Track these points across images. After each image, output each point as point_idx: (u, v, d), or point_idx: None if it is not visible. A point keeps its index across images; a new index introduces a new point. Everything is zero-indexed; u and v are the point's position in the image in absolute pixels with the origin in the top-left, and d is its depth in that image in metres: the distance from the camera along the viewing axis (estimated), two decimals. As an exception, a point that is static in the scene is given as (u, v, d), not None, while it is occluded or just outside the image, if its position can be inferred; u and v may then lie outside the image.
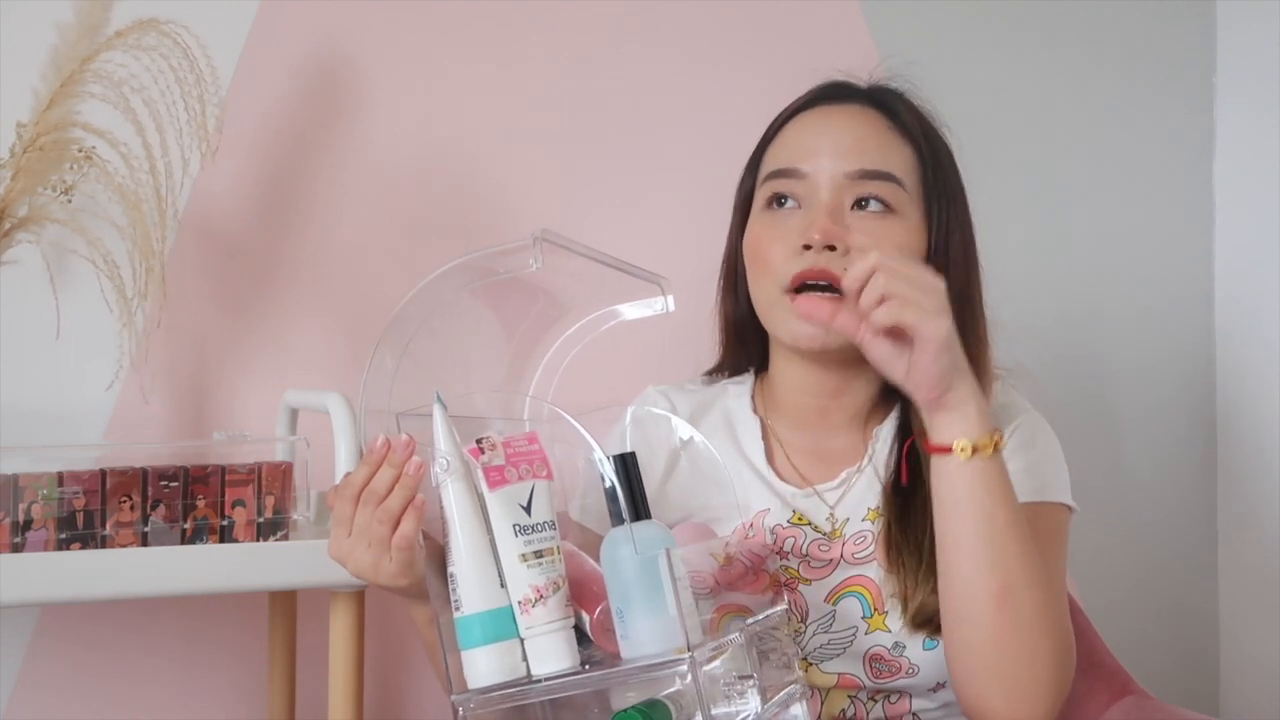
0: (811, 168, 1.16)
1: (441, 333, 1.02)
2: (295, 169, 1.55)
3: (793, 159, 1.18)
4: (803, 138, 1.19)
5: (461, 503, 0.92)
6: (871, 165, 1.15)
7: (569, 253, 1.00)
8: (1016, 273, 1.89)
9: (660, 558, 0.90)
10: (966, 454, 1.00)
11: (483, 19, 1.64)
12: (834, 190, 1.15)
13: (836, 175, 1.15)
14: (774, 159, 1.20)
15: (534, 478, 0.94)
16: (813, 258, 1.12)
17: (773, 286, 1.15)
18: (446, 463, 0.92)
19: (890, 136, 1.18)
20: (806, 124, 1.20)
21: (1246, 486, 1.99)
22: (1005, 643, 1.01)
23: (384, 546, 0.95)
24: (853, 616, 1.14)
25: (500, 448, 0.93)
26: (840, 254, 1.12)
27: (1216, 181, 2.04)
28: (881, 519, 1.16)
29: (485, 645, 0.91)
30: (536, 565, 0.92)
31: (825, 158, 1.16)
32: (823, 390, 1.21)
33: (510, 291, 1.07)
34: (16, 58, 1.35)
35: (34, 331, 1.39)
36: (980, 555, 1.01)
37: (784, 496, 1.19)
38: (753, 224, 1.20)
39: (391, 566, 0.95)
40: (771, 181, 1.18)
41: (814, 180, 1.15)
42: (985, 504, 1.01)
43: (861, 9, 1.80)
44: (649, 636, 0.90)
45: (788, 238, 1.14)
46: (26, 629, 1.45)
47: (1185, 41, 2.02)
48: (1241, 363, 2.00)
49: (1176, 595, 2.01)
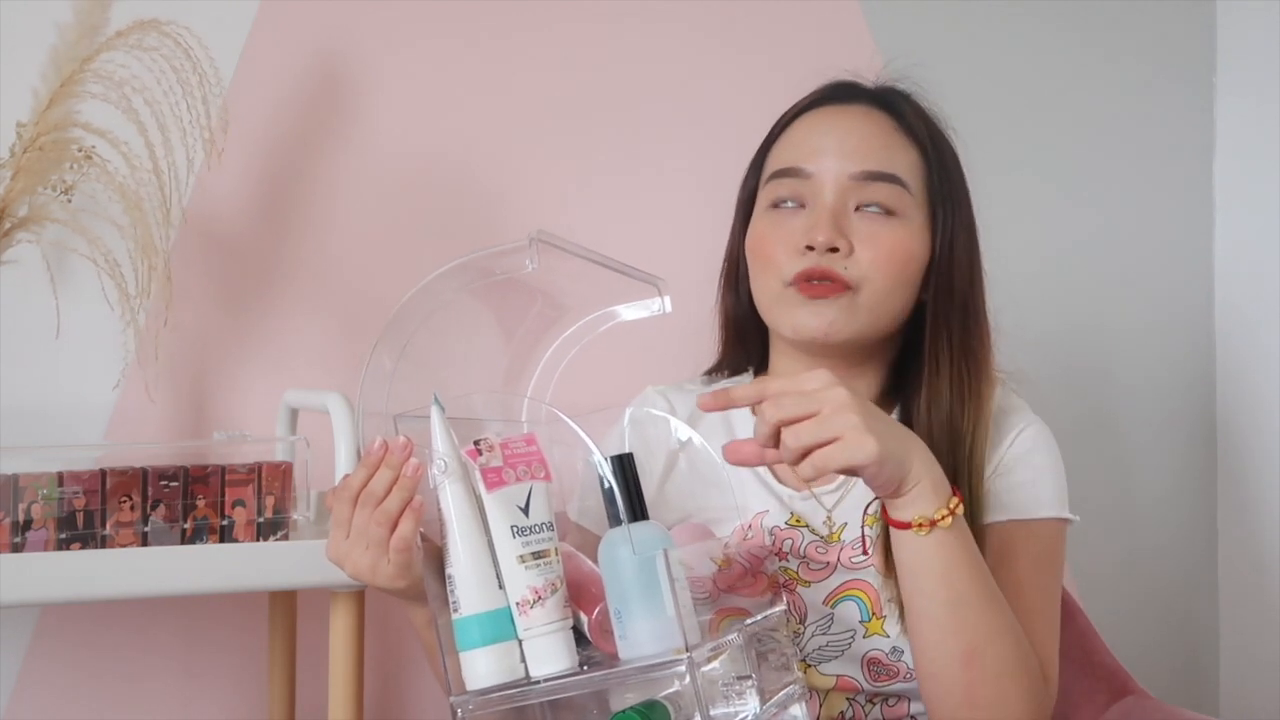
0: (816, 168, 1.16)
1: (440, 333, 1.02)
2: (296, 169, 1.55)
3: (797, 158, 1.17)
4: (808, 137, 1.19)
5: (459, 504, 0.92)
6: (876, 166, 1.15)
7: (566, 254, 1.00)
8: (1015, 274, 1.88)
9: (658, 558, 0.90)
10: (925, 530, 1.00)
11: (483, 18, 1.64)
12: (838, 191, 1.14)
13: (841, 176, 1.15)
14: (778, 158, 1.20)
15: (532, 479, 0.94)
16: (815, 258, 1.12)
17: (775, 281, 1.15)
18: (444, 464, 0.92)
19: (896, 138, 1.17)
20: (812, 123, 1.20)
21: (1246, 488, 1.99)
22: (975, 697, 1.03)
23: (382, 548, 0.95)
24: (851, 620, 1.14)
25: (498, 449, 0.93)
26: (843, 255, 1.12)
27: (1216, 181, 2.03)
28: (880, 523, 1.15)
29: (484, 647, 0.91)
30: (535, 566, 0.92)
31: (830, 158, 1.15)
32: None
33: (509, 292, 1.07)
34: (16, 58, 1.35)
35: (34, 331, 1.39)
36: (944, 621, 1.02)
37: (782, 498, 1.19)
38: (756, 223, 1.20)
39: (389, 568, 0.96)
40: (776, 181, 1.18)
41: (818, 180, 1.15)
42: (946, 572, 1.01)
43: (861, 9, 1.80)
44: (647, 637, 0.90)
45: (791, 237, 1.14)
46: (26, 629, 1.45)
47: (1185, 41, 2.02)
48: (1242, 364, 2.00)
49: (1176, 595, 2.01)
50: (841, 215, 1.14)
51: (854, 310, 1.13)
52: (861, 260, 1.13)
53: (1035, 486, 1.16)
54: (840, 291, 1.12)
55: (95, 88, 1.27)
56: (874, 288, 1.13)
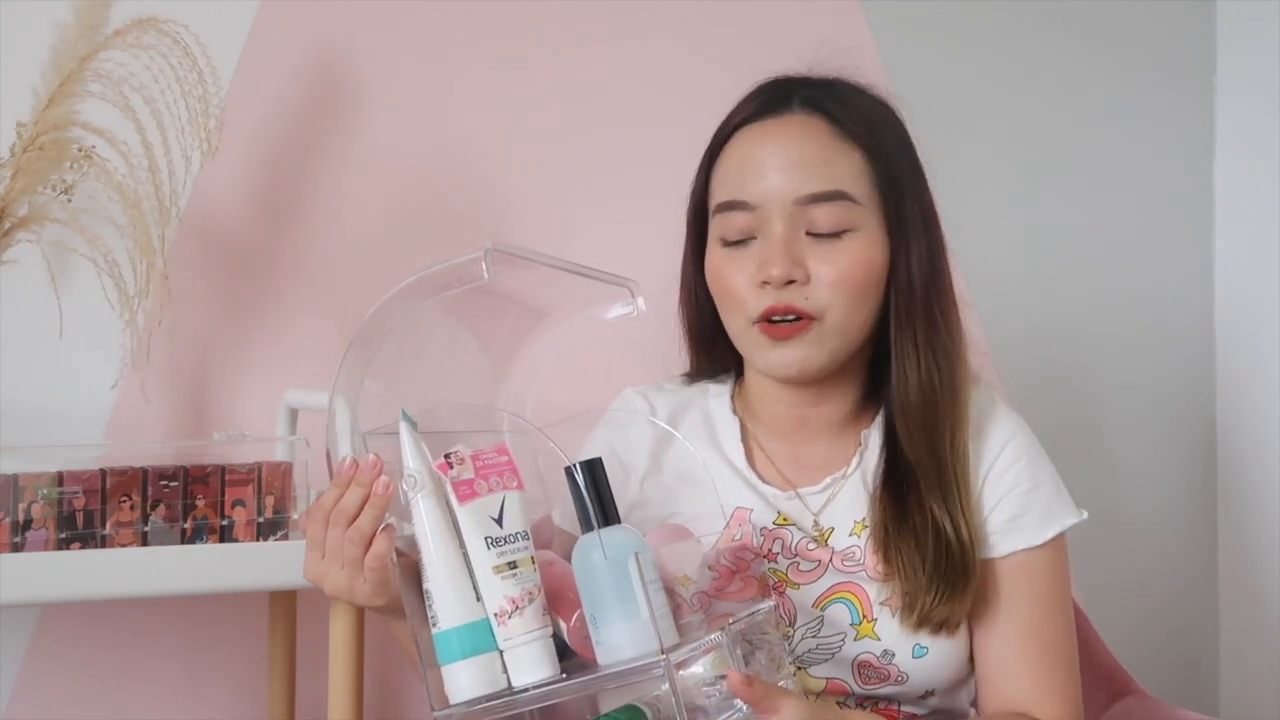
0: (759, 198, 1.12)
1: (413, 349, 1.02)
2: (296, 168, 1.55)
3: (740, 189, 1.14)
4: (745, 164, 1.15)
5: (433, 518, 0.91)
6: (819, 187, 1.11)
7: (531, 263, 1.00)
8: (1014, 275, 1.89)
9: (630, 562, 0.90)
10: None
11: (482, 19, 1.64)
12: (785, 219, 1.11)
13: (785, 203, 1.11)
14: (721, 184, 1.17)
15: (504, 489, 0.93)
16: (774, 294, 1.11)
17: (741, 319, 1.14)
18: (415, 480, 0.92)
19: (835, 146, 1.13)
20: (748, 145, 1.16)
21: (1247, 489, 1.99)
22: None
23: (357, 566, 0.95)
24: (841, 622, 1.13)
25: (469, 461, 0.93)
26: (801, 284, 1.10)
27: (1216, 181, 2.03)
28: (873, 527, 1.14)
29: (464, 659, 0.90)
30: (511, 576, 0.91)
31: (771, 183, 1.12)
32: (800, 401, 1.19)
33: (482, 302, 1.06)
34: (16, 57, 1.35)
35: (34, 331, 1.39)
36: None
37: (766, 498, 1.18)
38: (711, 256, 1.17)
39: (366, 587, 0.96)
40: (722, 215, 1.15)
41: (765, 211, 1.12)
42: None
43: (861, 9, 1.80)
44: (623, 641, 0.90)
45: (747, 270, 1.12)
46: (26, 629, 1.45)
47: (1185, 41, 2.02)
48: (1241, 366, 2.00)
49: (1176, 596, 2.01)
50: (793, 243, 1.11)
51: (822, 339, 1.12)
52: (820, 286, 1.11)
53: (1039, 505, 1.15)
54: (805, 327, 1.11)
55: (95, 87, 1.27)
56: (837, 311, 1.11)
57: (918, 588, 1.09)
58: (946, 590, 1.09)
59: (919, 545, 1.10)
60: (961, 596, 1.10)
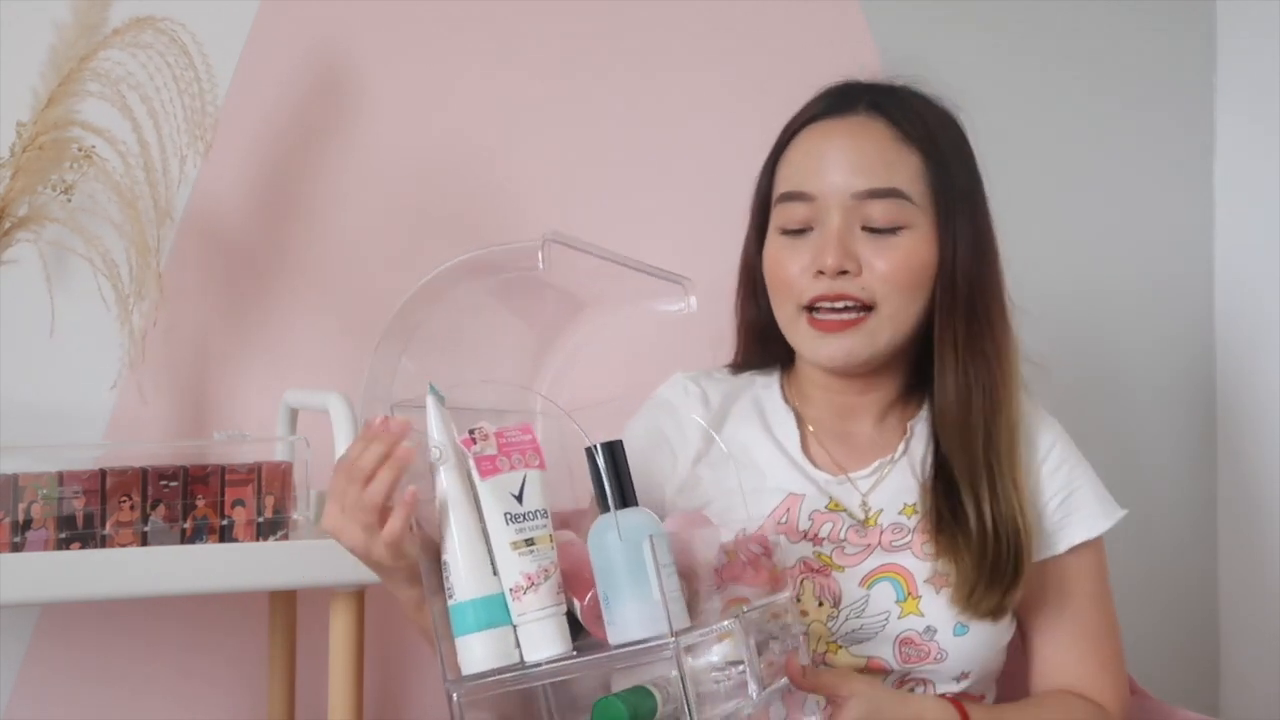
0: (819, 190, 1.18)
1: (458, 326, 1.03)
2: (295, 168, 1.55)
3: (801, 181, 1.20)
4: (809, 155, 1.21)
5: (454, 491, 0.94)
6: (878, 184, 1.17)
7: (579, 253, 1.01)
8: (1011, 276, 1.89)
9: (644, 544, 0.91)
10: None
11: (483, 17, 1.63)
12: (843, 212, 1.17)
13: (844, 197, 1.17)
14: (784, 177, 1.22)
15: (526, 467, 0.95)
16: (828, 283, 1.16)
17: (792, 305, 1.19)
18: (439, 452, 0.94)
19: (895, 147, 1.19)
20: (812, 141, 1.22)
21: (1247, 485, 1.99)
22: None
23: (374, 531, 0.96)
24: (886, 601, 1.16)
25: (492, 438, 0.95)
26: (854, 275, 1.16)
27: (1216, 182, 2.03)
28: (924, 513, 1.18)
29: (478, 631, 0.92)
30: (528, 553, 0.93)
31: (832, 177, 1.18)
32: (849, 388, 1.24)
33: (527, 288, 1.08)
34: (16, 57, 1.35)
35: (34, 331, 1.39)
36: None
37: (818, 483, 1.22)
38: (769, 246, 1.23)
39: (382, 550, 0.97)
40: (783, 205, 1.21)
41: (823, 203, 1.18)
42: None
43: (861, 9, 1.80)
44: (634, 622, 0.91)
45: (802, 259, 1.18)
46: (26, 629, 1.45)
47: (1185, 44, 2.02)
48: (1241, 365, 2.00)
49: (1176, 596, 2.01)
50: (848, 236, 1.17)
51: (874, 332, 1.17)
52: (873, 278, 1.16)
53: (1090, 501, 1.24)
54: (857, 322, 1.16)
55: (94, 86, 1.27)
56: (890, 304, 1.17)
57: (968, 577, 1.13)
58: (996, 581, 1.13)
59: (970, 536, 1.14)
60: (1011, 589, 1.14)
